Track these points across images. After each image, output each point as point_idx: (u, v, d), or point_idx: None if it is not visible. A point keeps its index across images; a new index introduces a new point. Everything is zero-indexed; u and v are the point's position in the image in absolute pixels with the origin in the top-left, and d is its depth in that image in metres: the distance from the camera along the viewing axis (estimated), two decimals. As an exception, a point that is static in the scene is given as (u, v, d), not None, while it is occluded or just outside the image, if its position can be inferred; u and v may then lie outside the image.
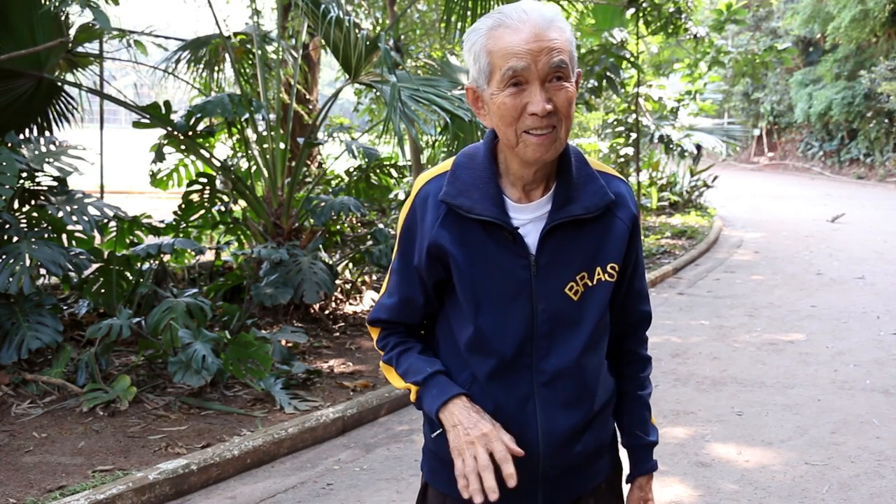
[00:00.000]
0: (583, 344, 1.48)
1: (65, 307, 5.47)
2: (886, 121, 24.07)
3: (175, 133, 5.66)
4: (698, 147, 19.71)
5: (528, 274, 1.45)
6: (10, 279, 4.33)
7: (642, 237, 11.49)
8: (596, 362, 1.53)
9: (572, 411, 1.50)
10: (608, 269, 1.49)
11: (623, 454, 1.70)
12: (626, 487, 1.70)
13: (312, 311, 6.07)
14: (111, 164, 8.63)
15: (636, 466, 1.66)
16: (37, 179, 5.01)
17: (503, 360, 1.47)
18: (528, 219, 1.46)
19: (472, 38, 1.43)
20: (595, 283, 1.48)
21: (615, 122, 12.12)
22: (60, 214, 4.76)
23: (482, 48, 1.40)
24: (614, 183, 1.53)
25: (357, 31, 5.58)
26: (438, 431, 1.50)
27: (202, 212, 6.01)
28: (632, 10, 9.94)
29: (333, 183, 7.24)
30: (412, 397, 1.52)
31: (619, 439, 1.69)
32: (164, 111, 5.42)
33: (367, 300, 6.80)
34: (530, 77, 1.37)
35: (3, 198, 4.33)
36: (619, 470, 1.68)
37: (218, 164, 6.02)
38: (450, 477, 1.48)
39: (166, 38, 7.30)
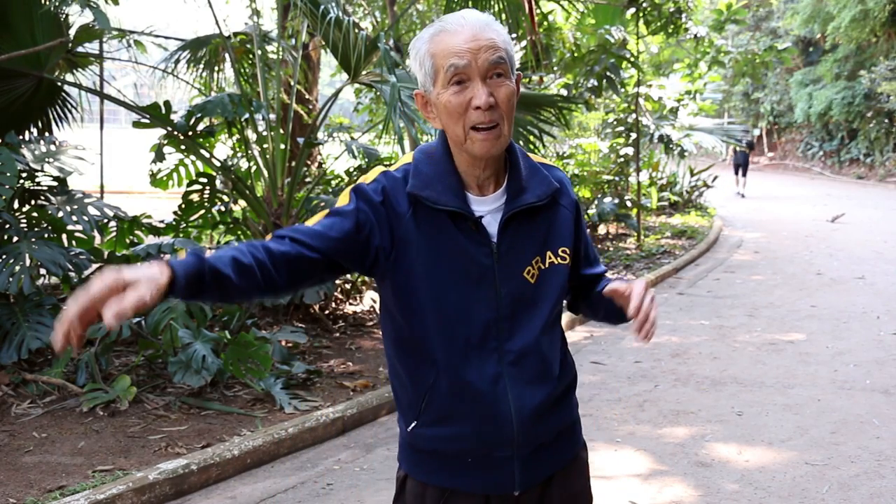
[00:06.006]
0: (542, 323, 1.58)
1: (65, 307, 5.46)
2: (886, 121, 24.08)
3: (175, 133, 5.65)
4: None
5: (490, 260, 1.54)
6: (10, 279, 4.33)
7: (643, 237, 11.50)
8: (553, 341, 1.63)
9: (538, 388, 1.58)
10: (560, 252, 1.60)
11: (587, 435, 1.80)
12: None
13: (312, 311, 6.07)
14: (111, 164, 8.63)
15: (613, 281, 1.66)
16: (37, 179, 5.01)
17: (469, 341, 1.54)
18: (487, 210, 1.56)
19: (416, 46, 1.53)
20: (548, 266, 1.59)
21: (615, 122, 12.11)
22: (60, 214, 4.76)
23: (426, 53, 1.51)
24: (554, 172, 1.65)
25: (357, 30, 5.58)
26: (413, 424, 1.59)
27: (202, 212, 6.01)
28: (632, 10, 9.94)
29: (333, 183, 7.24)
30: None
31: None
32: (164, 111, 5.42)
33: (367, 300, 6.80)
34: (472, 73, 1.47)
35: (3, 198, 4.33)
36: (583, 448, 1.76)
37: (218, 164, 6.02)
38: (428, 467, 1.60)
39: (166, 38, 7.30)
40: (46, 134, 5.65)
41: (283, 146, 6.22)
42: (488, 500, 1.60)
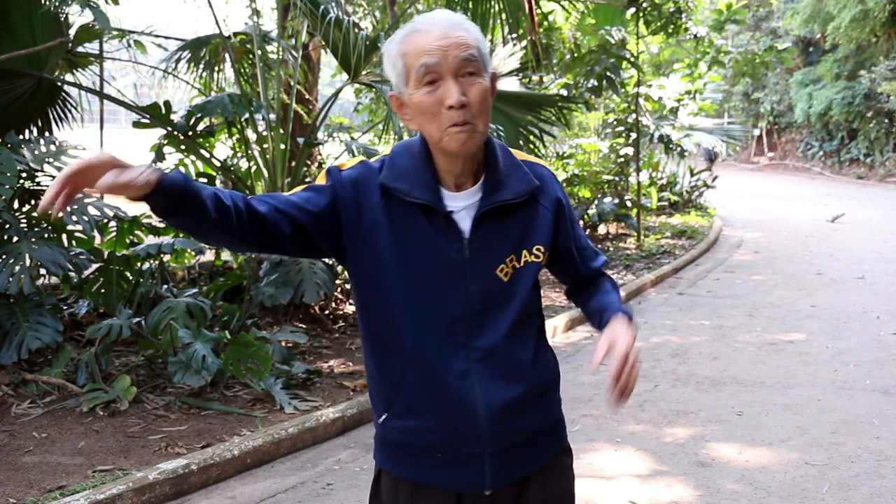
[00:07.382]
0: (512, 322, 1.56)
1: (65, 307, 5.47)
2: (886, 121, 24.07)
3: (175, 133, 5.66)
4: (713, 156, 19.75)
5: (462, 256, 1.53)
6: (10, 279, 4.33)
7: (643, 237, 11.46)
8: (525, 339, 1.60)
9: (508, 385, 1.56)
10: (534, 251, 1.59)
11: (572, 440, 1.76)
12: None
13: (312, 311, 6.07)
14: (111, 164, 8.61)
15: (609, 313, 1.65)
16: (37, 179, 5.01)
17: (436, 335, 1.53)
18: (462, 206, 1.54)
19: (388, 48, 1.52)
20: (522, 264, 1.58)
21: (615, 122, 12.10)
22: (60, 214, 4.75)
23: (398, 54, 1.50)
24: (537, 168, 1.63)
25: (357, 30, 5.58)
26: (384, 416, 1.60)
27: (202, 212, 6.00)
28: (632, 10, 9.94)
29: (333, 183, 7.23)
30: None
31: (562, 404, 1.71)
32: (164, 111, 5.42)
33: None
34: (443, 72, 1.45)
35: (3, 198, 4.33)
36: (565, 452, 1.72)
37: (218, 164, 6.02)
38: (400, 460, 1.60)
39: (166, 38, 7.29)
40: (46, 134, 5.65)
41: (283, 146, 6.22)
42: (460, 498, 1.59)
